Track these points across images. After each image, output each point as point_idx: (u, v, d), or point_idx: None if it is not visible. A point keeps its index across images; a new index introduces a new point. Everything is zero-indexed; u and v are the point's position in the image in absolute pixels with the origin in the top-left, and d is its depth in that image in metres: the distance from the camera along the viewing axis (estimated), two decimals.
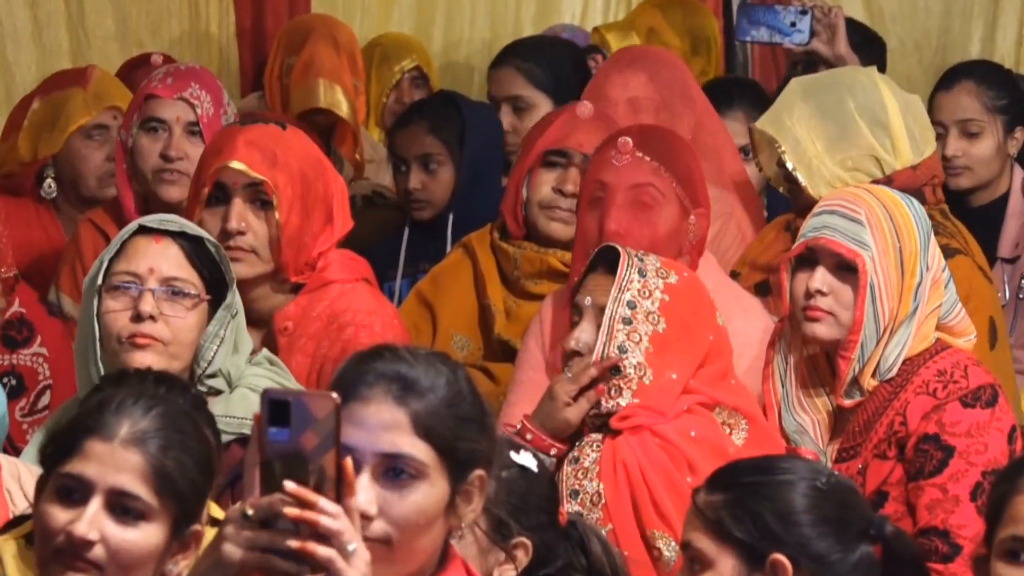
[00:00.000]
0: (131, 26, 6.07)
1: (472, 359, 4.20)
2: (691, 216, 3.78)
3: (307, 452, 2.11)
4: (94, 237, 4.35)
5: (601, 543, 2.97)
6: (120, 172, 4.33)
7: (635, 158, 3.75)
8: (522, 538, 2.86)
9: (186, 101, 4.28)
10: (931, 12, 6.63)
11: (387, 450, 2.29)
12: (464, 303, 4.25)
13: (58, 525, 2.50)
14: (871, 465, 3.46)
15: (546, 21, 6.50)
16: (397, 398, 2.30)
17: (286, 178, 3.67)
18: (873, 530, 2.70)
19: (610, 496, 3.34)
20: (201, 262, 3.35)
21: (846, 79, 4.12)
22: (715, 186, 4.30)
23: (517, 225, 4.18)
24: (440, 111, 4.84)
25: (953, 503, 3.37)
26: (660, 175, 3.75)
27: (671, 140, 3.88)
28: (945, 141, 4.69)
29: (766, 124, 4.06)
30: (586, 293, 3.46)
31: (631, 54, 4.74)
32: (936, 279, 3.53)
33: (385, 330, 3.72)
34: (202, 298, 3.33)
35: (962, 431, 3.40)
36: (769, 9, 5.11)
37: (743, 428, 3.45)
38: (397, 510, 2.29)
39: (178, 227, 3.35)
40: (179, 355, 3.31)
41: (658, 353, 3.41)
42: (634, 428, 3.37)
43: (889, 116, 4.03)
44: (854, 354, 3.44)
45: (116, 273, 3.32)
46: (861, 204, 3.48)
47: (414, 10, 6.53)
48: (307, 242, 3.72)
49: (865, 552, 2.68)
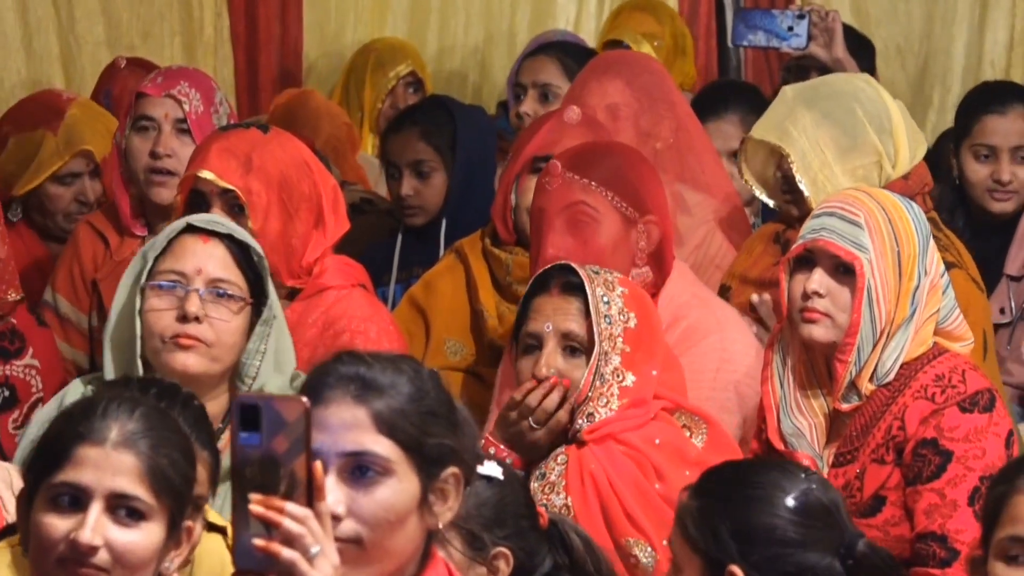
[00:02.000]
0: (122, 31, 6.07)
1: (465, 364, 4.20)
2: (639, 224, 3.76)
3: (278, 456, 2.12)
4: (92, 239, 4.35)
5: (583, 540, 2.97)
6: (116, 175, 4.33)
7: (565, 179, 3.76)
8: (501, 548, 2.85)
9: (174, 98, 4.28)
10: (912, 16, 6.64)
11: (350, 449, 2.30)
12: (457, 308, 4.25)
13: (58, 535, 2.48)
14: (869, 470, 3.45)
15: (540, 26, 6.50)
16: (356, 397, 2.32)
17: (261, 183, 3.67)
18: (844, 549, 2.69)
19: (578, 508, 3.34)
20: (247, 265, 3.33)
21: (847, 87, 4.10)
22: (697, 191, 4.30)
23: (507, 230, 4.17)
24: (432, 117, 4.83)
25: (951, 508, 3.36)
26: (591, 191, 3.75)
27: (610, 153, 3.86)
28: (998, 166, 4.68)
29: (767, 133, 4.04)
30: (543, 319, 3.43)
31: (608, 60, 4.74)
32: (934, 284, 3.52)
33: (381, 336, 3.71)
34: (247, 302, 3.31)
35: (960, 436, 3.39)
36: (766, 13, 5.11)
37: (703, 431, 3.44)
38: (366, 508, 2.29)
39: (226, 229, 3.33)
40: (221, 358, 3.29)
41: (635, 351, 3.40)
42: (599, 438, 3.36)
43: (893, 124, 4.03)
44: (851, 357, 3.44)
45: (162, 271, 3.30)
46: (860, 207, 3.47)
47: (408, 15, 6.53)
48: (295, 244, 3.71)
49: (828, 566, 2.67)
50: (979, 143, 4.67)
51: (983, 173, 4.70)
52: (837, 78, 4.31)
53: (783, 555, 2.66)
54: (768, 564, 2.65)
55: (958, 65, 6.67)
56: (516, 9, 6.61)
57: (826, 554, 2.69)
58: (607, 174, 3.78)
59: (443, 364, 4.22)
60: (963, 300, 3.79)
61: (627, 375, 3.39)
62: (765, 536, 2.66)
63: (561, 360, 3.41)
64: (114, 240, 4.32)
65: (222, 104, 4.37)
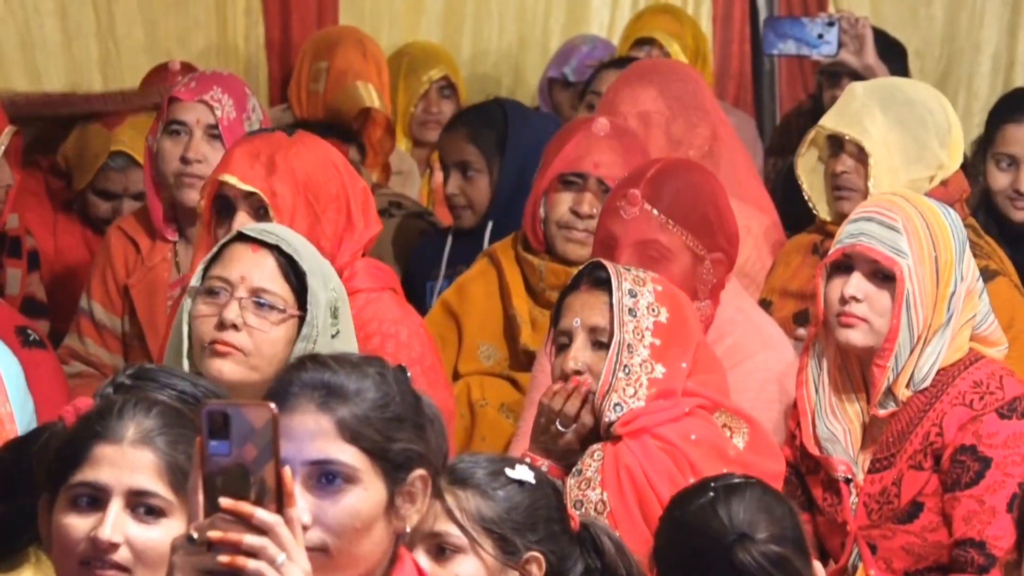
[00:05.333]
0: (160, 36, 6.08)
1: (498, 369, 4.20)
2: (706, 261, 3.75)
3: (247, 464, 2.10)
4: (124, 244, 4.35)
5: (614, 544, 2.95)
6: (148, 179, 4.34)
7: (643, 211, 3.72)
8: (533, 553, 2.85)
9: (206, 104, 4.27)
10: (934, 20, 6.60)
11: (315, 457, 2.30)
12: (490, 313, 4.24)
13: (79, 535, 2.47)
14: (906, 476, 3.44)
15: (574, 30, 6.50)
16: (320, 405, 2.31)
17: (286, 185, 3.66)
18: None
19: (614, 503, 3.32)
20: (297, 278, 3.31)
21: (919, 95, 4.07)
22: (732, 199, 4.28)
23: (537, 241, 4.17)
24: (483, 119, 4.81)
25: (990, 514, 3.35)
26: (667, 230, 3.71)
27: (688, 182, 3.80)
28: (1018, 175, 4.65)
29: (847, 127, 4.00)
30: (572, 315, 3.42)
31: (641, 68, 4.71)
32: (970, 289, 3.51)
33: (411, 339, 3.70)
34: (291, 314, 3.29)
35: (999, 442, 3.38)
36: (796, 22, 5.09)
37: (744, 432, 3.42)
38: (331, 517, 2.29)
39: (276, 240, 3.33)
40: (259, 367, 3.27)
41: (666, 344, 3.39)
42: (635, 432, 3.35)
43: (952, 137, 4.04)
44: (889, 363, 3.42)
45: (210, 277, 3.30)
46: (898, 212, 3.46)
47: (442, 19, 6.52)
48: (324, 247, 3.70)
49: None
50: (1000, 152, 4.64)
51: (1005, 182, 4.68)
52: (910, 84, 4.23)
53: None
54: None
55: (985, 68, 6.64)
56: (550, 14, 6.61)
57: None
58: (684, 209, 3.73)
59: (476, 369, 4.22)
60: (1009, 307, 3.78)
61: (656, 366, 3.37)
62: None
63: (589, 354, 3.40)
64: (145, 245, 4.33)
65: (255, 110, 4.37)
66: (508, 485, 2.86)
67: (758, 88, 6.35)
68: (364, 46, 5.48)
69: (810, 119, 5.52)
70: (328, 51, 5.48)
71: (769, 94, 6.30)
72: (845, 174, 4.01)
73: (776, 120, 6.18)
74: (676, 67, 4.76)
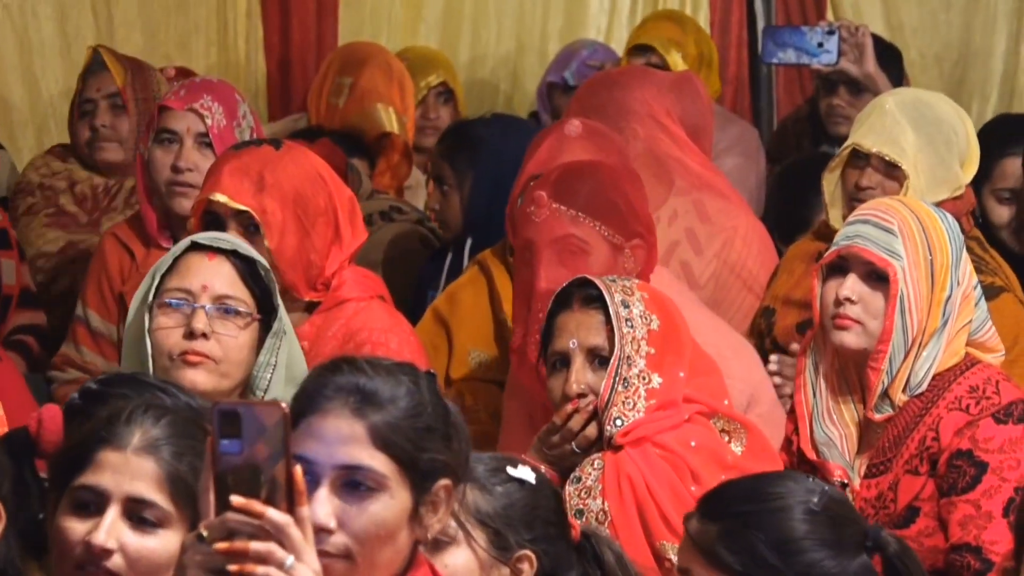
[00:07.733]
0: (159, 40, 6.09)
1: (489, 374, 4.20)
2: (625, 249, 3.75)
3: (259, 463, 2.11)
4: (119, 252, 4.34)
5: (616, 556, 2.95)
6: (141, 187, 4.33)
7: (552, 210, 3.72)
8: (525, 551, 2.84)
9: (196, 112, 4.27)
10: (952, 25, 6.60)
11: (345, 462, 2.29)
12: (480, 318, 4.25)
13: (76, 537, 2.48)
14: (902, 481, 3.44)
15: (572, 35, 6.50)
16: (355, 410, 2.30)
17: (275, 201, 3.67)
18: (870, 542, 2.68)
19: (615, 512, 3.32)
20: (253, 281, 3.34)
21: (947, 115, 4.06)
22: (718, 199, 4.27)
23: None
24: (460, 135, 4.81)
25: (986, 519, 3.35)
26: (579, 223, 3.71)
27: (593, 176, 3.81)
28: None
29: (886, 147, 3.97)
30: (568, 336, 3.42)
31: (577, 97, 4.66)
32: (967, 295, 3.51)
33: (402, 347, 3.71)
34: (254, 317, 3.32)
35: (995, 447, 3.38)
36: (795, 30, 5.08)
37: (742, 437, 3.43)
38: (357, 523, 2.28)
39: (231, 245, 3.34)
40: (230, 374, 3.30)
41: (660, 352, 3.39)
42: (635, 441, 3.35)
43: (969, 154, 4.04)
44: (883, 365, 3.42)
45: (168, 290, 3.31)
46: (894, 214, 3.46)
47: (440, 24, 6.53)
48: (314, 259, 3.72)
49: (862, 563, 2.67)
50: (1000, 187, 4.64)
51: (1007, 216, 4.68)
52: (936, 100, 4.15)
53: (821, 559, 2.64)
54: (808, 571, 2.63)
55: (996, 74, 6.64)
56: (548, 19, 6.61)
57: (857, 551, 2.67)
58: (593, 201, 3.74)
59: (467, 375, 4.23)
60: (1014, 324, 3.78)
61: (653, 377, 3.37)
62: (802, 543, 2.64)
63: (590, 375, 3.40)
64: (140, 252, 4.32)
65: (245, 118, 4.36)
66: (508, 482, 2.86)
67: (755, 94, 6.35)
68: (391, 68, 5.56)
69: (807, 125, 5.54)
70: (355, 68, 5.55)
71: (767, 100, 6.31)
72: (870, 189, 4.00)
73: (773, 126, 6.18)
74: (601, 79, 4.73)
